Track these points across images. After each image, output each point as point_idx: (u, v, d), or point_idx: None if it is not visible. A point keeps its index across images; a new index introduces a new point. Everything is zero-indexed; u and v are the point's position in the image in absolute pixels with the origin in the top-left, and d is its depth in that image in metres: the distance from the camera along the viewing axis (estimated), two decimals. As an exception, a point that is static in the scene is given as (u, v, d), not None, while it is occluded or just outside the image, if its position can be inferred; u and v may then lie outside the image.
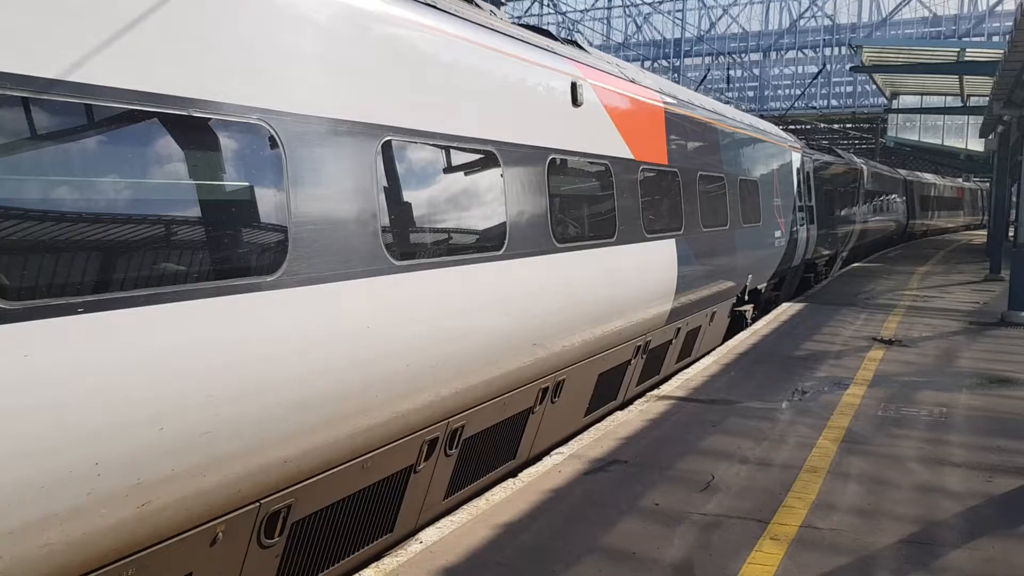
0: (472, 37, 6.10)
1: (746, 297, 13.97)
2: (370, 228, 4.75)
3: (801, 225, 17.60)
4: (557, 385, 7.47)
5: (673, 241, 9.86)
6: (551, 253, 6.91)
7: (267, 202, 4.14)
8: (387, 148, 5.01)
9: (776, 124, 23.61)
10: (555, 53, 7.59)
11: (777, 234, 15.17)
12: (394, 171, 5.11)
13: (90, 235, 3.34)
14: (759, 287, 14.75)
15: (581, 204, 7.91)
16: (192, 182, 3.77)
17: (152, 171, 3.62)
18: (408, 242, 5.20)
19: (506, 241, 6.29)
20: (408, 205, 5.32)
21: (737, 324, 13.89)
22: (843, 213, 24.60)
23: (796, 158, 17.61)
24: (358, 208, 4.68)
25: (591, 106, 7.92)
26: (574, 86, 7.59)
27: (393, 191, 5.09)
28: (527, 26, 8.23)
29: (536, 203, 6.74)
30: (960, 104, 29.42)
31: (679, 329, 10.61)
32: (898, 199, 36.85)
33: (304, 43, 4.43)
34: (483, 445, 6.56)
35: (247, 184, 4.07)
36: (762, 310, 15.71)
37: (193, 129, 3.76)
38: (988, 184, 56.40)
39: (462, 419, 5.98)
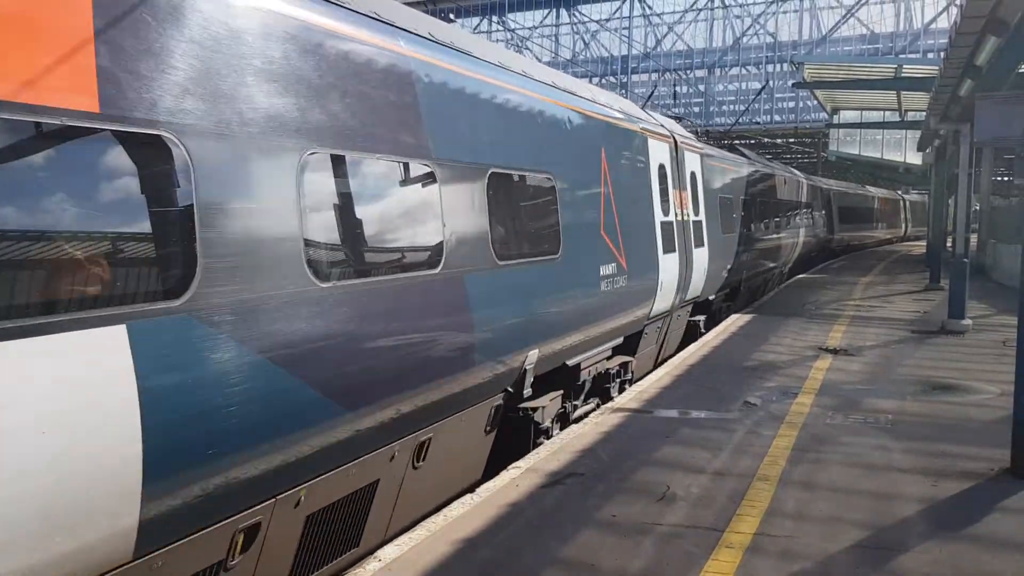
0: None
1: (526, 392, 7.81)
2: None
3: (671, 253, 12.09)
4: None
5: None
6: None
7: None
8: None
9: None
10: None
11: (608, 270, 9.49)
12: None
13: None
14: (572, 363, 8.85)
15: None
16: None
17: None
18: None
19: None
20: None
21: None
22: (753, 230, 19.63)
23: (663, 152, 12.17)
24: None
25: None
26: None
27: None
28: None
29: None
30: (898, 119, 30.30)
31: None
32: (817, 212, 32.58)
33: None
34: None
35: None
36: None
37: None
38: (905, 193, 58.16)
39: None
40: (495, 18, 52.45)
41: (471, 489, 6.76)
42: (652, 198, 11.43)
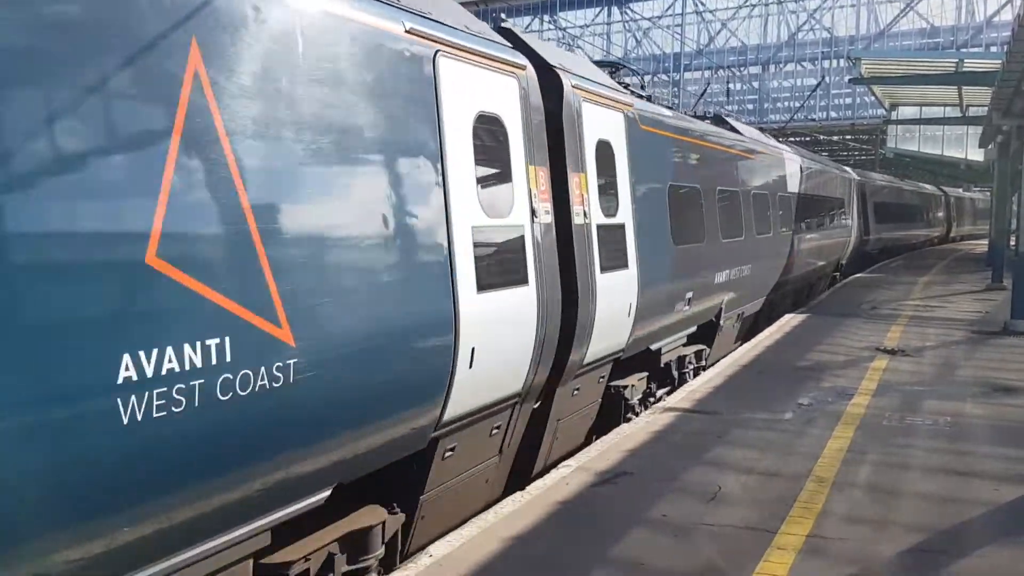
0: None
1: None
2: None
3: (502, 288, 6.37)
4: None
5: None
6: None
7: None
8: None
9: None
10: None
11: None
12: None
13: None
14: None
15: None
16: None
17: None
18: None
19: None
20: None
21: None
22: (743, 239, 13.23)
23: (488, 97, 6.17)
24: None
25: None
26: None
27: None
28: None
29: None
30: (959, 114, 29.54)
31: None
32: (848, 211, 25.74)
33: None
34: None
35: None
36: None
37: None
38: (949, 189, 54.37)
39: None
40: (547, 17, 52.43)
41: (522, 486, 6.79)
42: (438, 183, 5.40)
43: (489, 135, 6.01)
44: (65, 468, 3.08)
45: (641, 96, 10.34)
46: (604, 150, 8.17)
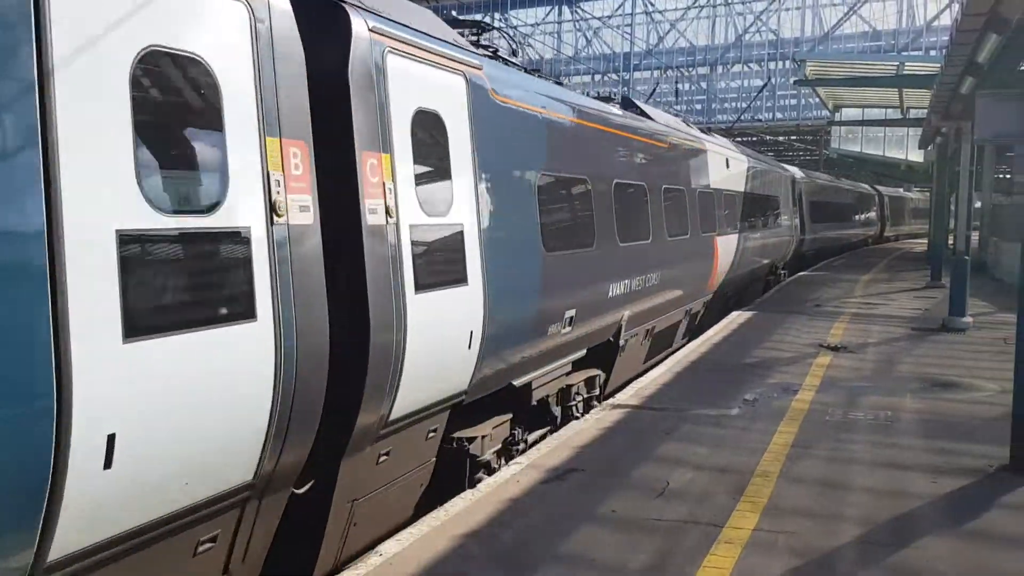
0: None
1: None
2: None
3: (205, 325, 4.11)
4: None
5: None
6: None
7: None
8: None
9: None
10: None
11: None
12: None
13: None
14: None
15: None
16: None
17: None
18: None
19: None
20: None
21: None
22: (651, 240, 11.08)
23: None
24: None
25: None
26: None
27: None
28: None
29: None
30: (900, 116, 30.29)
31: None
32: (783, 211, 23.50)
33: None
34: None
35: None
36: None
37: None
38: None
39: None
40: (497, 15, 52.46)
41: (473, 484, 6.78)
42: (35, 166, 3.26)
43: (174, 90, 4.05)
44: None
45: (509, 63, 8.22)
46: (428, 124, 6.03)
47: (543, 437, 8.26)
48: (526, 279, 7.39)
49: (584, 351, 9.17)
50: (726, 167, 16.15)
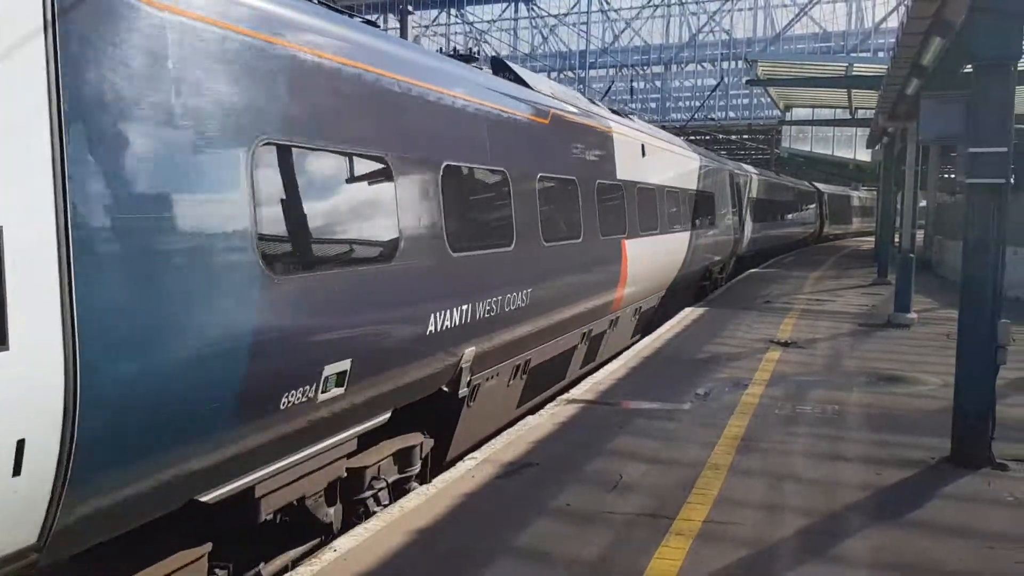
0: None
1: None
2: None
3: None
4: None
5: None
6: None
7: None
8: None
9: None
10: None
11: None
12: None
13: None
14: None
15: None
16: None
17: None
18: None
19: None
20: None
21: None
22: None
23: None
24: None
25: None
26: None
27: None
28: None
29: None
30: (849, 116, 30.87)
31: None
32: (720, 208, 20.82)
33: None
34: None
35: None
36: None
37: None
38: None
39: None
40: (454, 11, 52.30)
41: (428, 479, 6.80)
42: None
43: None
44: None
45: None
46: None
47: (315, 549, 5.79)
48: (215, 322, 4.38)
49: (387, 414, 6.35)
50: (641, 155, 13.37)
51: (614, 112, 14.07)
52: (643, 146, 13.66)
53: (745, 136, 50.92)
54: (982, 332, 7.14)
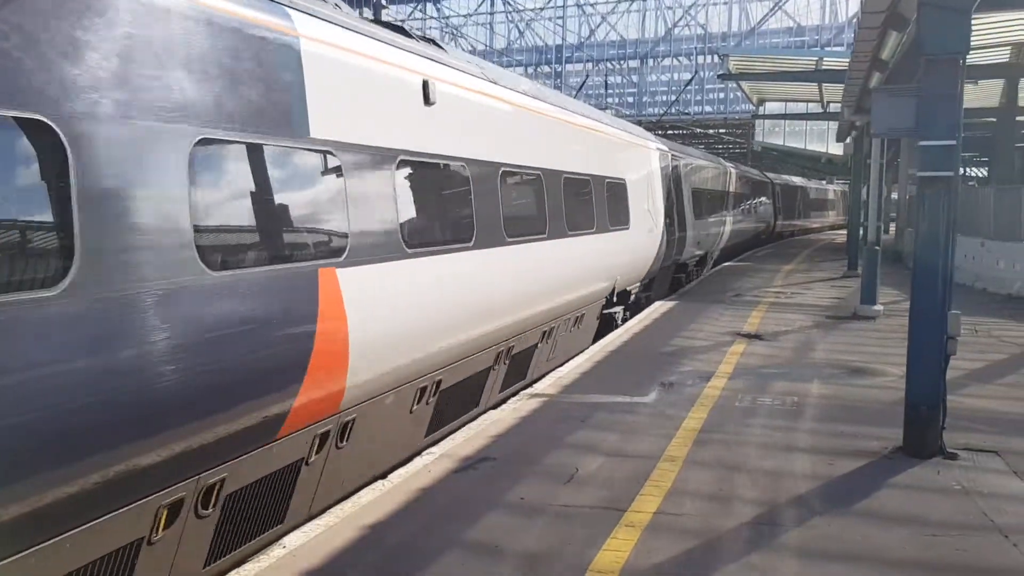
0: None
1: None
2: None
3: None
4: None
5: None
6: None
7: None
8: None
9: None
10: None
11: None
12: None
13: None
14: None
15: None
16: None
17: None
18: None
19: None
20: None
21: None
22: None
23: None
24: None
25: None
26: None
27: None
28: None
29: None
30: (820, 110, 31.10)
31: None
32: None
33: None
34: None
35: None
36: None
37: None
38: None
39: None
40: (430, 4, 52.17)
41: (384, 475, 6.81)
42: None
43: None
44: None
45: None
46: None
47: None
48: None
49: None
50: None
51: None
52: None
53: (722, 130, 51.20)
54: (933, 322, 7.25)
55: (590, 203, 12.24)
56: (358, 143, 6.23)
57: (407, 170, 7.00)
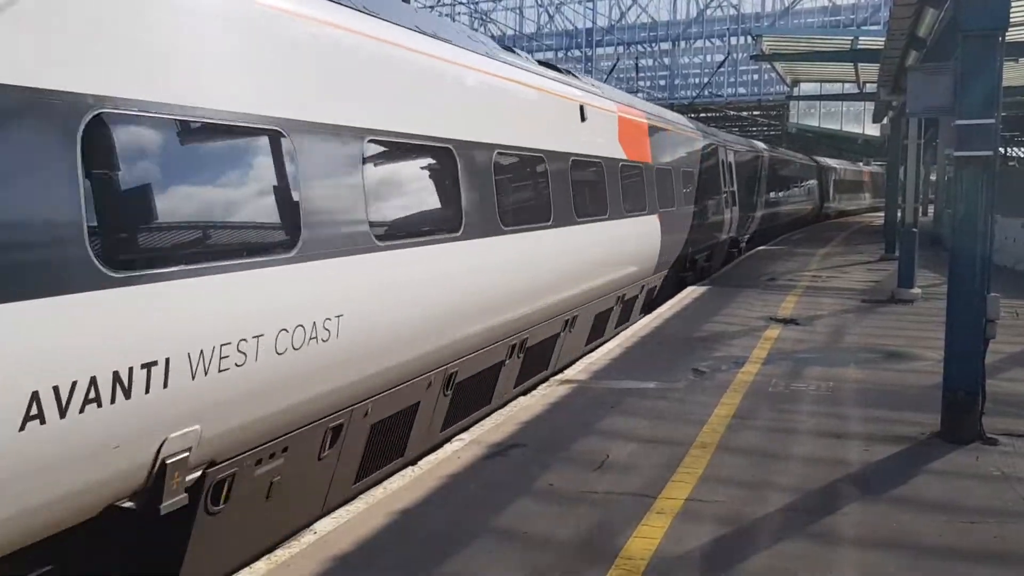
0: None
1: None
2: None
3: None
4: None
5: None
6: None
7: None
8: None
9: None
10: None
11: None
12: None
13: None
14: None
15: None
16: None
17: None
18: None
19: None
20: None
21: None
22: None
23: None
24: None
25: None
26: None
27: None
28: None
29: None
30: (856, 91, 30.54)
31: None
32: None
33: None
34: None
35: None
36: None
37: None
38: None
39: None
40: (459, -9, 51.97)
41: (414, 461, 6.83)
42: None
43: None
44: None
45: None
46: None
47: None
48: None
49: None
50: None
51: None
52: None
53: (756, 112, 50.50)
54: (971, 305, 7.09)
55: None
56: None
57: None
